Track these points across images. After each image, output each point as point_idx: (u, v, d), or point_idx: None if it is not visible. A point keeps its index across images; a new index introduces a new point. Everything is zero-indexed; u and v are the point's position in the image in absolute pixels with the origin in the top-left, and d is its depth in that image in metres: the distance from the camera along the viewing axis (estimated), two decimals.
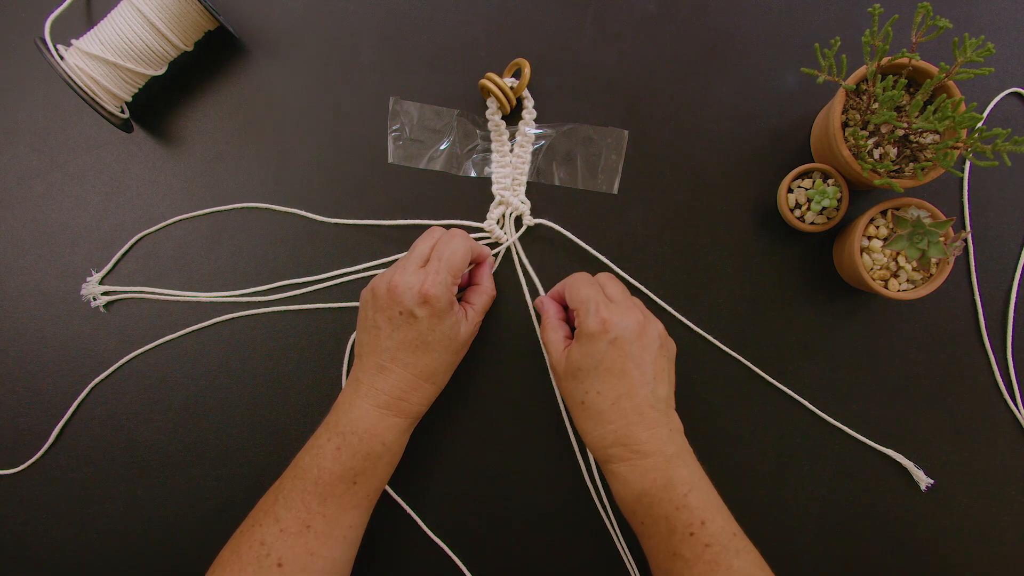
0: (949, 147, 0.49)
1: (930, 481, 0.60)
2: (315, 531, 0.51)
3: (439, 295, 0.52)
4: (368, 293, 0.56)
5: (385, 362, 0.54)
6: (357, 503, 0.53)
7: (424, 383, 0.54)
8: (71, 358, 0.63)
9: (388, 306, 0.53)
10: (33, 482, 0.63)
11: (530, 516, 0.61)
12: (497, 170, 0.62)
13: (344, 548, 0.53)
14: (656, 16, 0.63)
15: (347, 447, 0.52)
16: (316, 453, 0.53)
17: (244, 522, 0.53)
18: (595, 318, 0.52)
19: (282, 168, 0.63)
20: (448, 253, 0.54)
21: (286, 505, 0.51)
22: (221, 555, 0.52)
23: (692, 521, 0.49)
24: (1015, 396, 0.60)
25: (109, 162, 0.64)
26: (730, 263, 0.61)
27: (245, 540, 0.51)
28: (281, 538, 0.50)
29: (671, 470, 0.50)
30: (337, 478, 0.52)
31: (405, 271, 0.53)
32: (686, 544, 0.49)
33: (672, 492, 0.49)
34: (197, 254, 0.63)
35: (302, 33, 0.64)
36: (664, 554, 0.50)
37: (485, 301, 0.59)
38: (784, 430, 0.61)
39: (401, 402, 0.54)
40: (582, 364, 0.52)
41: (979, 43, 0.47)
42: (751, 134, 0.62)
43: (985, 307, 0.60)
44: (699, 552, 0.48)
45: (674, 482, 0.50)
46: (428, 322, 0.53)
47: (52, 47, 0.56)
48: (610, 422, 0.51)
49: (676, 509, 0.49)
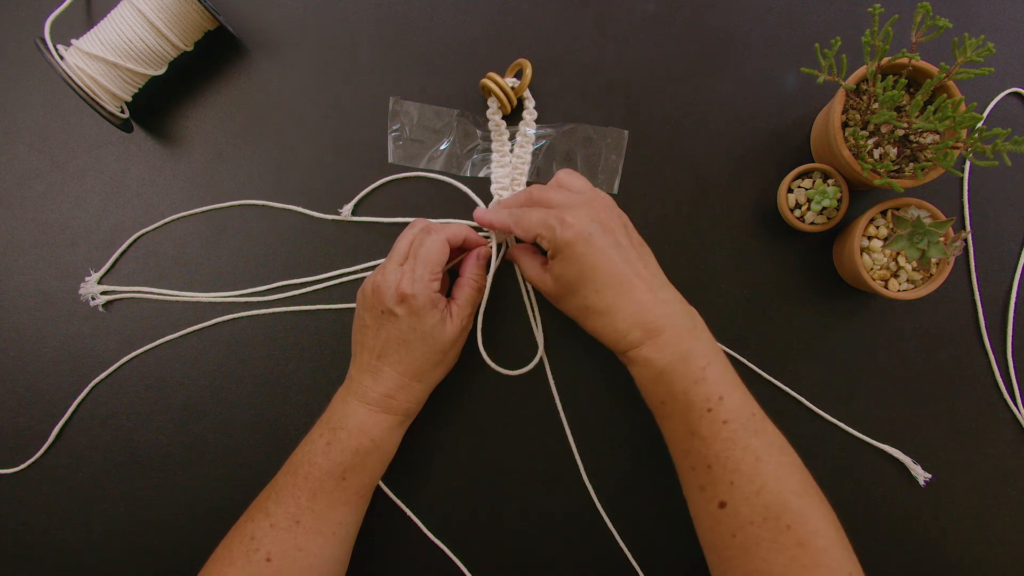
0: (949, 147, 0.49)
1: (928, 476, 0.60)
2: (304, 526, 0.51)
3: (415, 293, 0.52)
4: (360, 293, 0.56)
5: (373, 360, 0.54)
6: (347, 499, 0.53)
7: (412, 382, 0.55)
8: (71, 358, 0.63)
9: (373, 305, 0.54)
10: (33, 482, 0.63)
11: (530, 516, 0.61)
12: (497, 170, 0.62)
13: (334, 545, 0.53)
14: (656, 16, 0.63)
15: (336, 443, 0.53)
16: (308, 449, 0.54)
17: (239, 519, 0.54)
18: (561, 232, 0.50)
19: (282, 168, 0.63)
20: (423, 250, 0.54)
21: (277, 500, 0.52)
22: (215, 551, 0.53)
23: (711, 395, 0.48)
24: (1015, 396, 0.60)
25: (109, 162, 0.64)
26: (730, 263, 0.61)
27: (237, 535, 0.52)
28: (271, 533, 0.51)
29: (688, 342, 0.49)
30: (326, 473, 0.52)
31: (385, 269, 0.54)
32: (704, 421, 0.48)
33: (690, 365, 0.49)
34: (197, 254, 0.63)
35: (302, 33, 0.64)
36: (683, 434, 0.49)
37: (468, 293, 0.57)
38: (784, 429, 0.61)
39: (389, 400, 0.54)
40: (570, 277, 0.52)
41: (979, 43, 0.47)
42: (751, 134, 0.62)
43: (985, 307, 0.60)
44: (716, 429, 0.47)
45: (692, 354, 0.49)
46: (408, 320, 0.53)
47: (52, 47, 0.56)
48: (620, 309, 0.50)
49: (695, 383, 0.48)
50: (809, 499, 0.47)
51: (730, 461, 0.47)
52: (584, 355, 0.61)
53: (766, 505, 0.46)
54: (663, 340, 0.50)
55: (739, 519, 0.46)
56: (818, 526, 0.46)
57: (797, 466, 0.49)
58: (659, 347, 0.50)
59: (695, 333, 0.50)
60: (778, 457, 0.48)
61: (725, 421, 0.48)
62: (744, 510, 0.46)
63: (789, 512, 0.46)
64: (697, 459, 0.48)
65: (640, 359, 0.50)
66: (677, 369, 0.49)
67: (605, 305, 0.51)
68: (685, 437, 0.49)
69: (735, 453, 0.47)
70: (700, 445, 0.48)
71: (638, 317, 0.50)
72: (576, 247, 0.50)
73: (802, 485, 0.48)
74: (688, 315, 0.51)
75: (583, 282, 0.51)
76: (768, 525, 0.45)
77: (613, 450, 0.61)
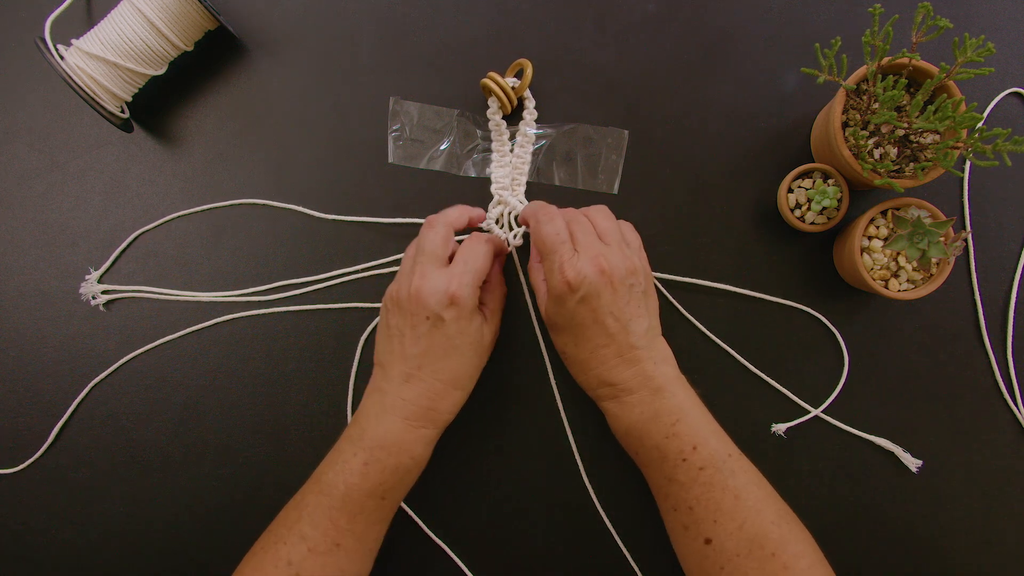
0: (949, 147, 0.49)
1: (918, 463, 0.59)
2: (345, 549, 0.50)
3: (467, 296, 0.51)
4: (389, 301, 0.54)
5: (412, 370, 0.52)
6: (383, 516, 0.53)
7: (453, 390, 0.53)
8: (71, 358, 0.63)
9: (413, 312, 0.51)
10: (33, 482, 0.63)
11: (530, 516, 0.61)
12: (497, 170, 0.62)
13: (368, 561, 0.53)
14: (656, 16, 0.63)
15: (375, 463, 0.51)
16: (341, 469, 0.51)
17: (262, 538, 0.52)
18: (559, 278, 0.51)
19: (282, 168, 0.63)
20: (473, 256, 0.53)
21: (312, 523, 0.50)
22: (242, 572, 0.51)
23: (683, 448, 0.50)
24: (1015, 396, 0.60)
25: (109, 162, 0.64)
26: (730, 263, 0.61)
27: (269, 558, 0.50)
28: (310, 557, 0.49)
29: (657, 402, 0.51)
30: (366, 495, 0.50)
31: (427, 275, 0.52)
32: (680, 469, 0.50)
33: (659, 423, 0.50)
34: (197, 253, 0.63)
35: (302, 33, 0.64)
36: (661, 479, 0.51)
37: (498, 298, 0.58)
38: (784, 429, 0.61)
39: (431, 411, 0.52)
40: (556, 320, 0.53)
41: (979, 43, 0.47)
42: (751, 134, 0.62)
43: (985, 307, 0.60)
44: (693, 475, 0.49)
45: (660, 413, 0.50)
46: (456, 325, 0.52)
47: (52, 47, 0.56)
48: (591, 368, 0.52)
49: (666, 438, 0.50)
50: (787, 525, 0.49)
51: (710, 502, 0.49)
52: None
53: (749, 538, 0.48)
54: (632, 400, 0.51)
55: (725, 553, 0.48)
56: (798, 549, 0.48)
57: (773, 496, 0.51)
58: (627, 406, 0.52)
59: (669, 391, 0.51)
60: (756, 492, 0.50)
61: (702, 468, 0.49)
62: (729, 544, 0.48)
63: (771, 541, 0.48)
64: (678, 502, 0.50)
65: (610, 412, 0.53)
66: (647, 427, 0.51)
67: (579, 359, 0.53)
68: (663, 483, 0.51)
69: (715, 494, 0.49)
70: (679, 490, 0.50)
71: (606, 377, 0.52)
72: (567, 300, 0.51)
73: (778, 514, 0.50)
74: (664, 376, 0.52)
75: (567, 329, 0.53)
76: (754, 555, 0.47)
77: (613, 450, 0.61)
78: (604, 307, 0.51)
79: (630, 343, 0.51)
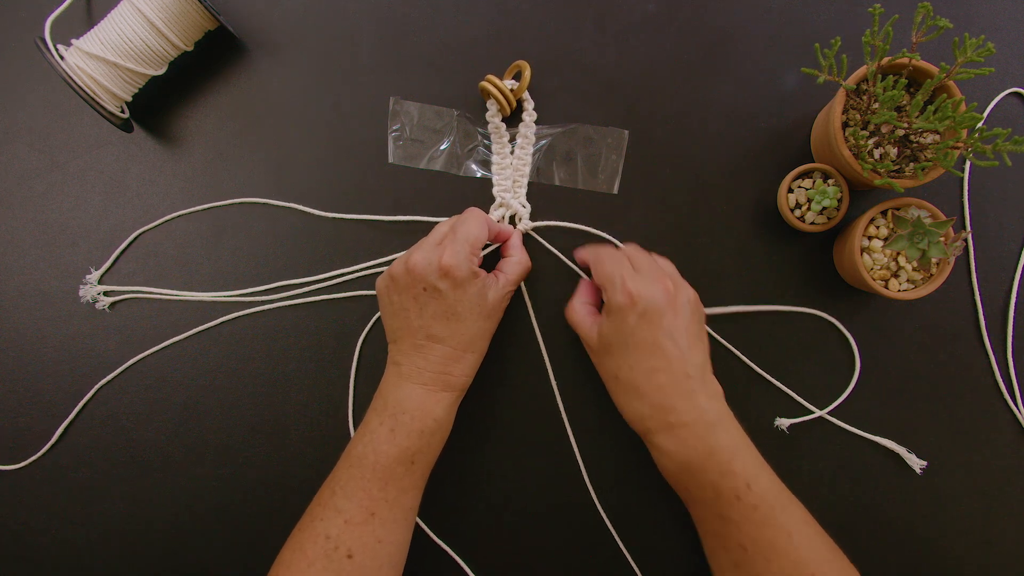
0: (949, 147, 0.49)
1: (923, 463, 0.59)
2: (380, 517, 0.51)
3: (457, 264, 0.52)
4: (385, 279, 0.55)
5: (421, 340, 0.53)
6: (415, 483, 0.53)
7: (464, 353, 0.54)
8: (71, 358, 0.63)
9: (410, 285, 0.53)
10: (33, 482, 0.63)
11: (530, 515, 0.61)
12: (498, 172, 0.62)
13: (405, 529, 0.53)
14: (656, 16, 0.63)
15: (400, 427, 0.52)
16: (370, 439, 0.52)
17: (302, 520, 0.53)
18: (621, 292, 0.51)
19: (282, 168, 0.63)
20: (463, 227, 0.54)
21: (346, 495, 0.51)
22: (282, 556, 0.52)
23: (737, 485, 0.49)
24: (1015, 396, 0.60)
25: (109, 162, 0.64)
26: (730, 263, 0.61)
27: (308, 537, 0.51)
28: (347, 529, 0.50)
29: (712, 438, 0.50)
30: (395, 460, 0.51)
31: (421, 249, 0.53)
32: (734, 508, 0.49)
33: (715, 460, 0.49)
34: (197, 253, 0.63)
35: (302, 33, 0.64)
36: (712, 518, 0.50)
37: (518, 271, 0.58)
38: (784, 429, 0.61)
39: (446, 376, 0.54)
40: (613, 339, 0.52)
41: (979, 43, 0.47)
42: (751, 134, 0.62)
43: (985, 307, 0.60)
44: (747, 514, 0.49)
45: (716, 450, 0.50)
46: (453, 293, 0.53)
47: (52, 47, 0.56)
48: (645, 395, 0.51)
49: (721, 476, 0.49)
50: (839, 563, 0.49)
51: (763, 541, 0.48)
52: (586, 356, 0.61)
53: None
54: (685, 434, 0.50)
55: None
56: None
57: (821, 534, 0.51)
58: (681, 440, 0.50)
59: (722, 426, 0.51)
60: (806, 529, 0.50)
61: (755, 506, 0.49)
62: None
63: None
64: (729, 541, 0.49)
65: (660, 447, 0.52)
66: (703, 464, 0.50)
67: (634, 383, 0.52)
68: (714, 521, 0.50)
69: (768, 533, 0.48)
70: (732, 529, 0.49)
71: (661, 404, 0.51)
72: (628, 316, 0.51)
73: (831, 551, 0.50)
74: (716, 411, 0.51)
75: (622, 350, 0.52)
76: None
77: (613, 450, 0.61)
78: (665, 326, 0.51)
79: (686, 372, 0.51)
